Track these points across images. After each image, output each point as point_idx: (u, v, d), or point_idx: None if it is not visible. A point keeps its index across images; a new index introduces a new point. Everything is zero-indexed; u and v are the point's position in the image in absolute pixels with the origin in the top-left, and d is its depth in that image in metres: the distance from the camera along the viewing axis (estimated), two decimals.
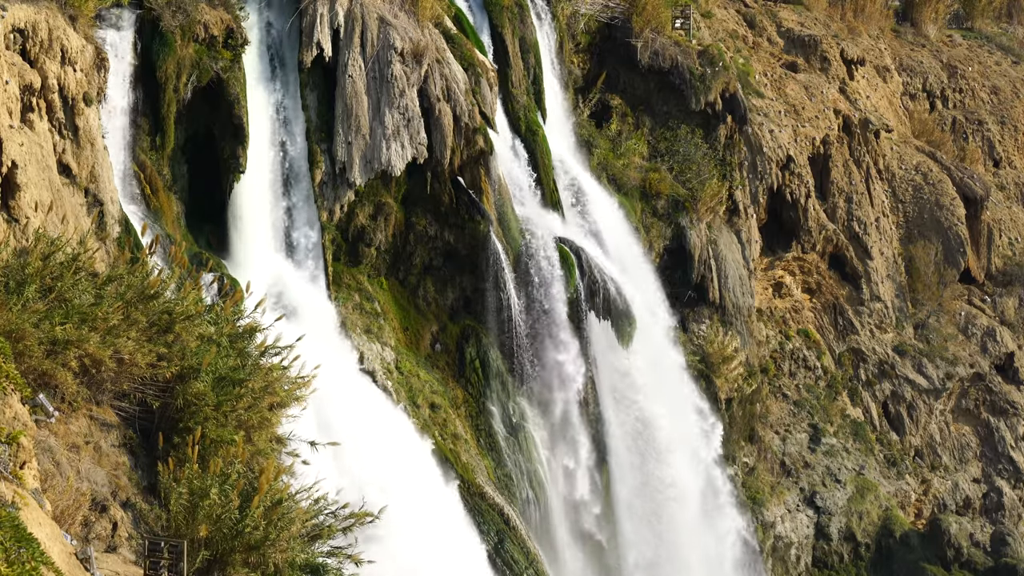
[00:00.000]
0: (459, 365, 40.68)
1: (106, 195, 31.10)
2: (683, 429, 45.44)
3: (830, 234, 54.88)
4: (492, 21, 44.18)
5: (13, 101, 27.63)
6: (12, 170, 26.71)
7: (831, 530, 51.49)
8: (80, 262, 21.24)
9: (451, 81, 39.53)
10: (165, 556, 17.89)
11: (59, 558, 15.37)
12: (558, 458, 41.93)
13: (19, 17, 28.65)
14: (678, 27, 51.90)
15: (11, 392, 17.07)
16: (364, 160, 38.26)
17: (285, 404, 22.32)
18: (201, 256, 34.16)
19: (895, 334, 56.63)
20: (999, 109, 66.93)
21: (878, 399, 55.44)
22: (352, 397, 34.90)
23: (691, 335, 48.26)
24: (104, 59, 32.34)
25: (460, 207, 40.14)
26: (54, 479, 18.57)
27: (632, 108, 50.05)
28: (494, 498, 38.16)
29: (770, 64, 57.40)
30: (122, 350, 20.37)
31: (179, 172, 35.75)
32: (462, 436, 39.14)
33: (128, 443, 20.95)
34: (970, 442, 57.06)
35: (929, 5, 68.25)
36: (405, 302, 40.54)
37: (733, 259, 49.56)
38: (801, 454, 52.17)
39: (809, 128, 54.91)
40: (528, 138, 43.89)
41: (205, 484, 18.85)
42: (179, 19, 34.67)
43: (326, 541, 20.32)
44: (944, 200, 59.30)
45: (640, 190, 48.01)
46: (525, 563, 37.91)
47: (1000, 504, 55.91)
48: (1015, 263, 61.40)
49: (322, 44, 37.55)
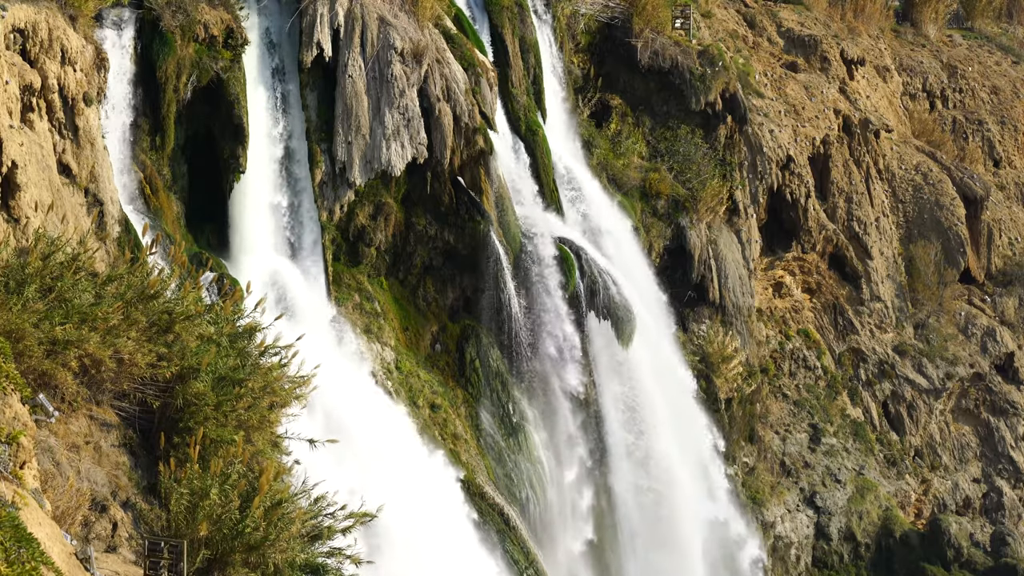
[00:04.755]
0: (459, 365, 40.67)
1: (106, 195, 31.11)
2: (683, 429, 45.46)
3: (830, 234, 54.88)
4: (492, 21, 44.17)
5: (13, 101, 27.63)
6: (12, 170, 26.71)
7: (831, 530, 51.49)
8: (80, 262, 21.22)
9: (451, 81, 39.52)
10: (165, 556, 17.89)
11: (59, 558, 15.37)
12: (558, 458, 41.93)
13: (19, 17, 28.65)
14: (678, 27, 51.90)
15: (11, 392, 17.07)
16: (364, 160, 38.26)
17: (285, 404, 22.31)
18: (201, 256, 34.16)
19: (895, 334, 56.63)
20: (999, 109, 66.91)
21: (878, 399, 55.43)
22: (352, 397, 34.89)
23: (691, 335, 48.26)
24: (104, 59, 32.35)
25: (460, 207, 40.14)
26: (54, 479, 18.57)
27: (632, 108, 50.05)
28: (494, 498, 38.17)
29: (770, 64, 57.40)
30: (122, 350, 20.36)
31: (179, 172, 35.75)
32: (462, 436, 39.14)
33: (128, 443, 20.95)
34: (970, 442, 57.06)
35: (929, 5, 68.21)
36: (405, 302, 40.54)
37: (733, 259, 49.56)
38: (801, 454, 52.17)
39: (809, 128, 54.91)
40: (528, 138, 43.88)
41: (205, 484, 18.84)
42: (179, 19, 34.67)
43: (326, 541, 20.32)
44: (944, 200, 59.30)
45: (640, 190, 48.02)
46: (525, 563, 37.91)
47: (1000, 504, 55.90)
48: (1015, 263, 61.39)
49: (322, 44, 37.55)
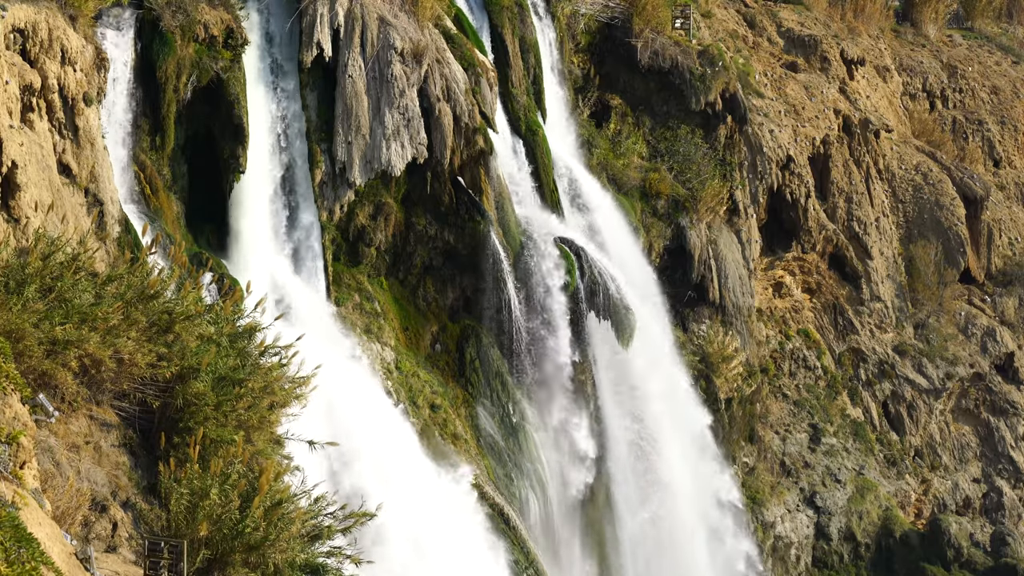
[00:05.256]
0: (459, 365, 40.67)
1: (106, 195, 31.11)
2: (683, 429, 45.45)
3: (830, 234, 54.88)
4: (492, 21, 44.17)
5: (13, 101, 27.63)
6: (12, 170, 26.72)
7: (831, 530, 51.48)
8: (80, 262, 21.22)
9: (451, 81, 39.52)
10: (165, 556, 17.89)
11: (59, 558, 15.37)
12: (558, 458, 41.93)
13: (19, 17, 28.65)
14: (678, 27, 51.90)
15: (11, 392, 17.07)
16: (364, 160, 38.26)
17: (285, 403, 22.32)
18: (201, 256, 34.16)
19: (895, 334, 56.62)
20: (999, 109, 66.90)
21: (878, 399, 55.43)
22: (352, 397, 34.87)
23: (691, 335, 48.26)
24: (104, 59, 32.36)
25: (460, 207, 40.14)
26: (54, 479, 18.57)
27: (632, 108, 50.05)
28: (494, 498, 38.17)
29: (770, 64, 57.39)
30: (122, 350, 20.37)
31: (179, 172, 35.75)
32: (462, 436, 39.14)
33: (128, 443, 20.95)
34: (970, 442, 57.05)
35: (929, 5, 68.19)
36: (405, 302, 40.54)
37: (733, 259, 49.56)
38: (801, 454, 52.16)
39: (809, 128, 54.91)
40: (528, 138, 43.87)
41: (205, 484, 18.84)
42: (179, 19, 34.67)
43: (326, 541, 20.32)
44: (944, 200, 59.30)
45: (640, 190, 48.01)
46: (525, 563, 37.92)
47: (1000, 504, 55.90)
48: (1015, 263, 61.39)
49: (322, 44, 37.55)
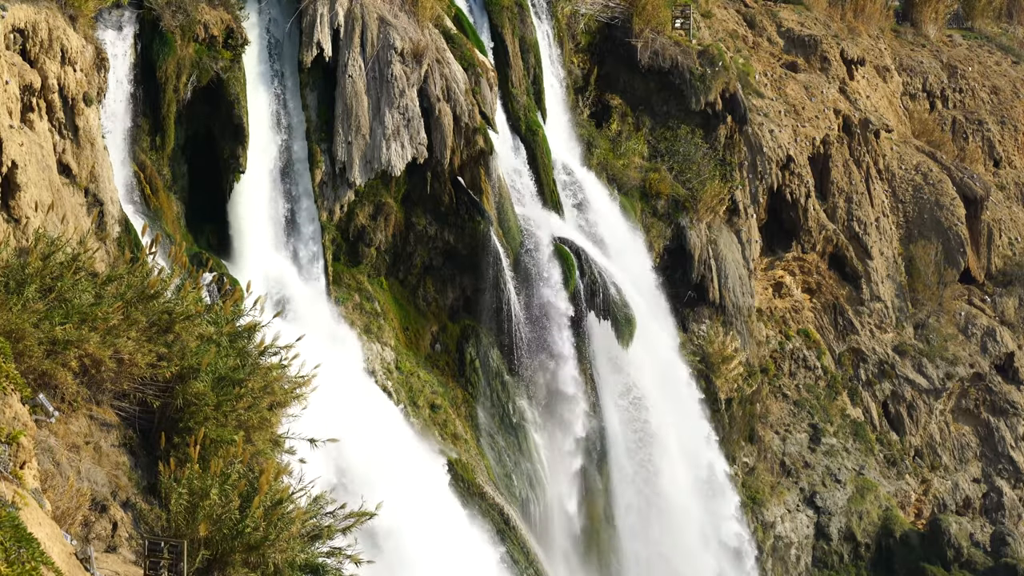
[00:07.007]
0: (459, 365, 40.68)
1: (106, 195, 31.10)
2: (683, 429, 45.44)
3: (830, 234, 54.88)
4: (492, 21, 44.17)
5: (13, 101, 27.63)
6: (12, 170, 26.70)
7: (831, 530, 51.48)
8: (80, 262, 21.23)
9: (451, 81, 39.52)
10: (165, 556, 17.89)
11: (59, 558, 15.37)
12: (557, 458, 41.93)
13: (19, 17, 28.64)
14: (678, 27, 51.90)
15: (11, 392, 17.07)
16: (364, 160, 38.26)
17: (285, 404, 22.32)
18: (201, 256, 34.17)
19: (895, 334, 56.63)
20: (999, 109, 66.91)
21: (878, 399, 55.43)
22: (352, 397, 34.88)
23: (691, 335, 48.26)
24: (104, 59, 32.34)
25: (460, 207, 40.14)
26: (54, 479, 18.57)
27: (632, 108, 50.05)
28: (494, 498, 38.16)
29: (770, 64, 57.40)
30: (122, 350, 20.37)
31: (179, 172, 35.75)
32: (462, 436, 39.14)
33: (128, 443, 20.95)
34: (970, 442, 57.05)
35: (929, 5, 68.20)
36: (405, 302, 40.55)
37: (733, 259, 49.56)
38: (801, 454, 52.16)
39: (809, 128, 54.91)
40: (528, 138, 43.87)
41: (205, 484, 18.84)
42: (179, 19, 34.67)
43: (326, 541, 20.32)
44: (944, 200, 59.30)
45: (640, 190, 48.01)
46: (525, 563, 37.92)
47: (1000, 504, 55.90)
48: (1015, 263, 61.40)
49: (322, 44, 37.55)
